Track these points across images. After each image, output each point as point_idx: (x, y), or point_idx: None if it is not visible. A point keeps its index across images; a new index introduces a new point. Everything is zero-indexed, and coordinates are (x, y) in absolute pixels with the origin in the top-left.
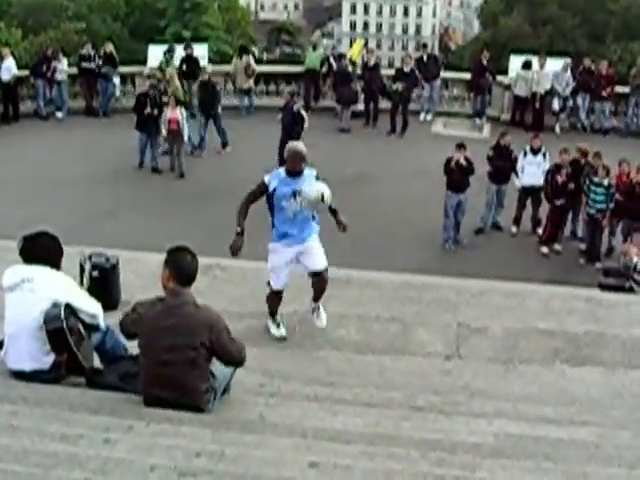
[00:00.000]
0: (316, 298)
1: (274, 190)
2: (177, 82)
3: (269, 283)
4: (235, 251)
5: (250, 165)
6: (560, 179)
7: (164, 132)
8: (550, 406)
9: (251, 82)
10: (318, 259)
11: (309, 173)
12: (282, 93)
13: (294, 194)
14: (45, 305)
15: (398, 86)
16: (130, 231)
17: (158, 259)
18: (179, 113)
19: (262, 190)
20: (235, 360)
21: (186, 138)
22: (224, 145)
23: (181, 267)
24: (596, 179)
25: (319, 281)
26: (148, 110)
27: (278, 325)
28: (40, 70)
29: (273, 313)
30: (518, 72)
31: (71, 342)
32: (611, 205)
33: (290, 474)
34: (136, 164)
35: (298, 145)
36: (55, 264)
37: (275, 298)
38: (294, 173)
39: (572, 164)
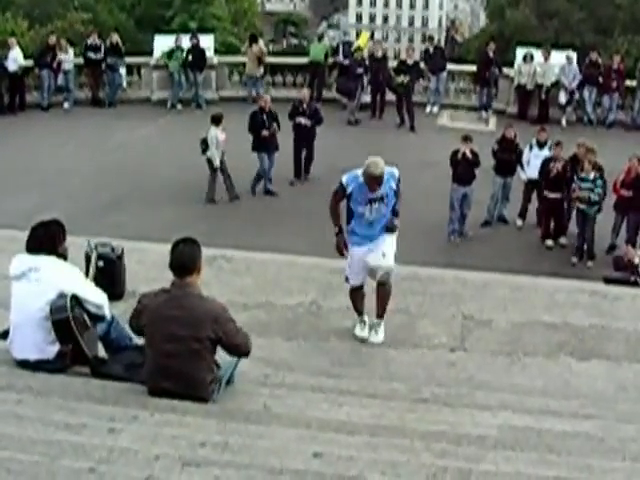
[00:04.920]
0: (378, 312)
1: (350, 194)
2: None
3: (347, 279)
4: (340, 251)
5: (254, 156)
6: (553, 172)
7: (217, 161)
8: (554, 399)
9: (261, 69)
10: (385, 255)
11: (388, 177)
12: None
13: (370, 201)
14: (51, 295)
15: (404, 79)
16: (135, 221)
17: (163, 249)
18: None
19: (341, 192)
20: (242, 351)
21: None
22: None
23: (171, 257)
24: (582, 174)
25: (380, 294)
26: (265, 132)
27: (362, 324)
28: (44, 60)
29: (358, 311)
30: (518, 64)
31: (76, 333)
32: (594, 197)
33: (294, 464)
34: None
35: (373, 165)
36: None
37: (354, 294)
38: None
39: (572, 159)
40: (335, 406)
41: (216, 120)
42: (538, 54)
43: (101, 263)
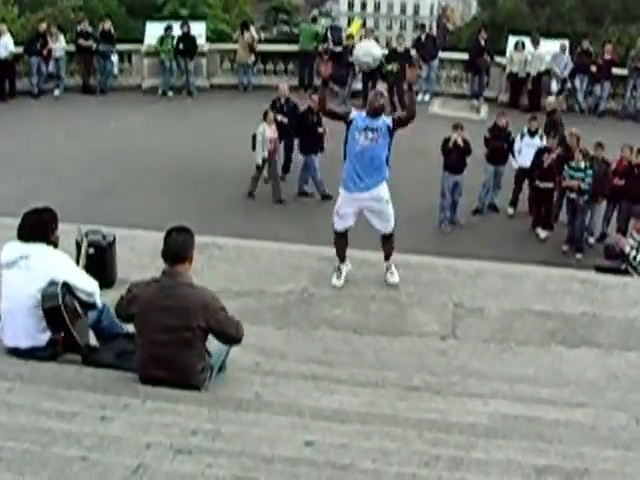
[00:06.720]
0: (386, 257)
1: (352, 121)
2: None
3: (333, 226)
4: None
5: (246, 145)
6: (546, 162)
7: (264, 155)
8: (546, 387)
9: (253, 57)
10: (384, 221)
11: (384, 121)
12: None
13: (366, 129)
14: (42, 283)
15: (394, 67)
16: (127, 209)
17: (154, 237)
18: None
19: (344, 114)
20: (234, 338)
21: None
22: None
23: (164, 245)
24: (573, 163)
25: (385, 245)
26: (321, 130)
27: (339, 274)
28: (34, 47)
29: (340, 258)
30: (510, 52)
31: (67, 320)
32: (584, 186)
33: (286, 452)
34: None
35: (373, 97)
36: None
37: (339, 241)
38: (373, 113)
39: (564, 148)
40: (327, 394)
41: (263, 115)
42: (529, 42)
43: (92, 250)
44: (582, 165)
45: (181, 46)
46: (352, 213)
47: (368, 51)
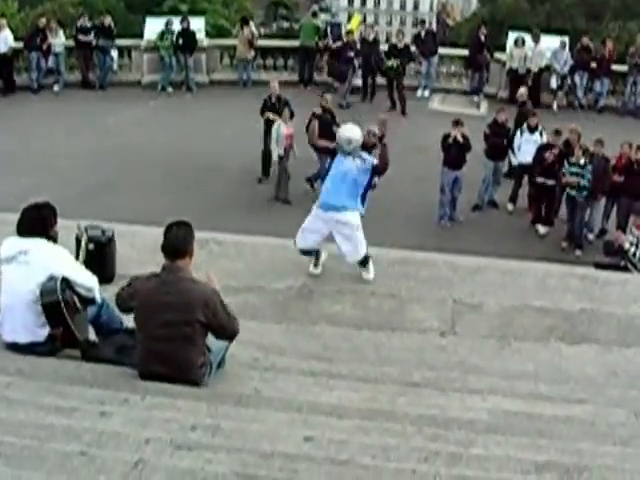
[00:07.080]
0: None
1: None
2: None
3: (295, 243)
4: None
5: (245, 141)
6: (549, 158)
7: (279, 152)
8: (545, 383)
9: (252, 52)
10: (353, 248)
11: (371, 158)
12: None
13: (354, 155)
14: (41, 278)
15: (393, 63)
16: (126, 205)
17: (154, 232)
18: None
19: (334, 147)
20: (227, 334)
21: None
22: None
23: (164, 240)
24: (572, 159)
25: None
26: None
27: (316, 263)
28: (34, 42)
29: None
30: (510, 48)
31: (67, 316)
32: (584, 182)
33: (285, 448)
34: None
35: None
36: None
37: (305, 254)
38: (364, 149)
39: (564, 145)
40: (326, 390)
41: (278, 112)
42: (529, 38)
43: (91, 246)
44: (582, 162)
45: (181, 41)
46: (320, 236)
47: (343, 134)
